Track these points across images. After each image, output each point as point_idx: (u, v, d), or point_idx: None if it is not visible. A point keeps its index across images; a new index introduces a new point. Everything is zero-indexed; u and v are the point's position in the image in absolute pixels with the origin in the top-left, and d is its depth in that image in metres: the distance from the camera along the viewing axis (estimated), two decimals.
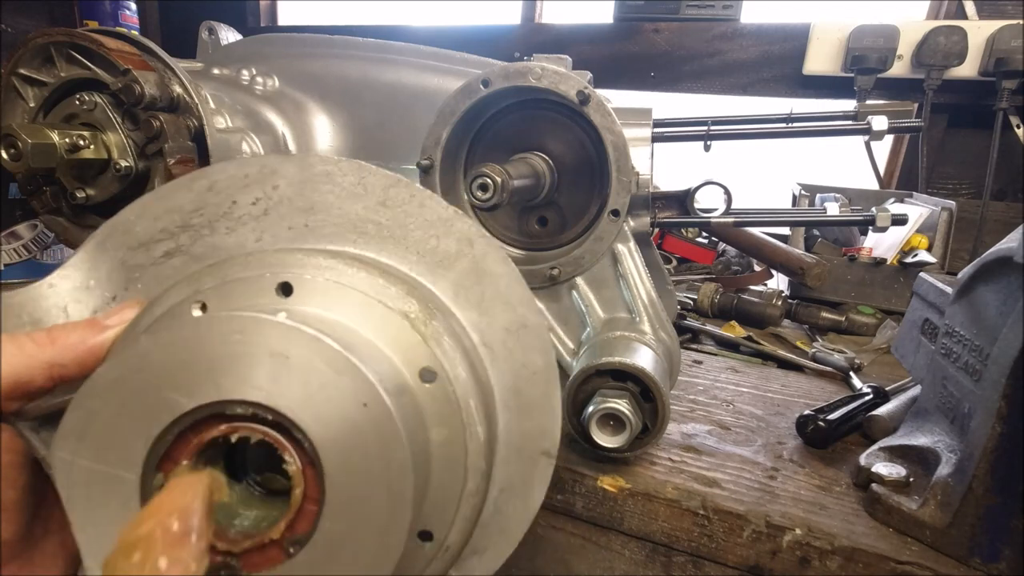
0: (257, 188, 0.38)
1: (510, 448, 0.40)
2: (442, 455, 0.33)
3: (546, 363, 0.40)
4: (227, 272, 0.33)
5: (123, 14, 1.60)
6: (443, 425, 0.33)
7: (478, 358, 0.39)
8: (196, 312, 0.31)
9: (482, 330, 0.39)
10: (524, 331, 0.39)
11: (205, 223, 0.38)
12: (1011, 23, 1.19)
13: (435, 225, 0.39)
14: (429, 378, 0.33)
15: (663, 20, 1.51)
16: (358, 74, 0.87)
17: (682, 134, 0.68)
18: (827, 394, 0.71)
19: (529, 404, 0.40)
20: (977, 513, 0.42)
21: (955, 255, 1.11)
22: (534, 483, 0.41)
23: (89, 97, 0.71)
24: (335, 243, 0.39)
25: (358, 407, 0.27)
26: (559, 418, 0.40)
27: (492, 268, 0.39)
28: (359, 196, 0.39)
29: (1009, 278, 0.43)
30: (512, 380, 0.40)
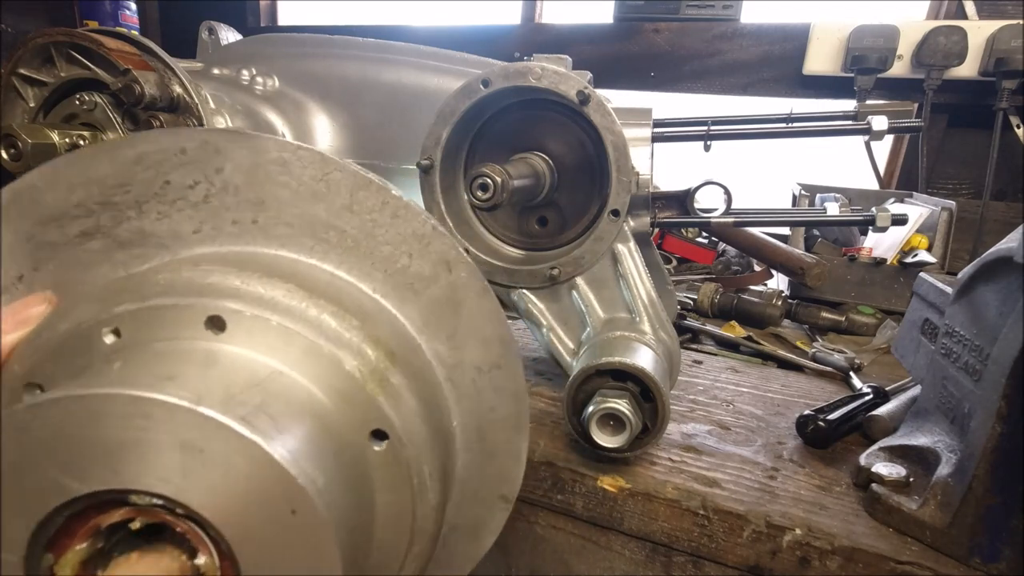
0: (196, 169, 0.32)
1: (467, 489, 0.37)
2: (388, 518, 0.29)
3: (517, 409, 0.36)
4: (150, 289, 0.28)
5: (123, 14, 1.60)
6: (391, 490, 0.29)
7: (441, 396, 0.35)
8: (109, 339, 0.26)
9: (450, 366, 0.35)
10: (497, 372, 0.36)
11: (131, 202, 0.31)
12: (1011, 23, 1.18)
13: (409, 241, 0.34)
14: (380, 439, 0.29)
15: (663, 20, 1.51)
16: (358, 74, 0.87)
17: (682, 134, 0.68)
18: (827, 394, 0.71)
19: (492, 449, 0.37)
20: (977, 513, 0.42)
21: (955, 255, 1.11)
22: (487, 526, 0.38)
23: (89, 97, 0.71)
24: (288, 248, 0.33)
25: (285, 513, 0.23)
26: (523, 464, 0.38)
27: (470, 299, 0.35)
28: (320, 195, 0.33)
29: (1009, 278, 0.43)
30: (477, 422, 0.36)
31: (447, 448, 0.34)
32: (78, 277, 0.32)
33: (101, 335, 0.26)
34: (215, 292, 0.28)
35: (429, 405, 0.32)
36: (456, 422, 0.36)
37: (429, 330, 0.35)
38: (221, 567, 0.24)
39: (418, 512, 0.30)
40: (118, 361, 0.25)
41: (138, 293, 0.28)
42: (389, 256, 0.34)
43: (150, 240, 0.32)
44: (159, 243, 0.32)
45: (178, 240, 0.32)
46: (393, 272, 0.34)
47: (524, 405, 0.37)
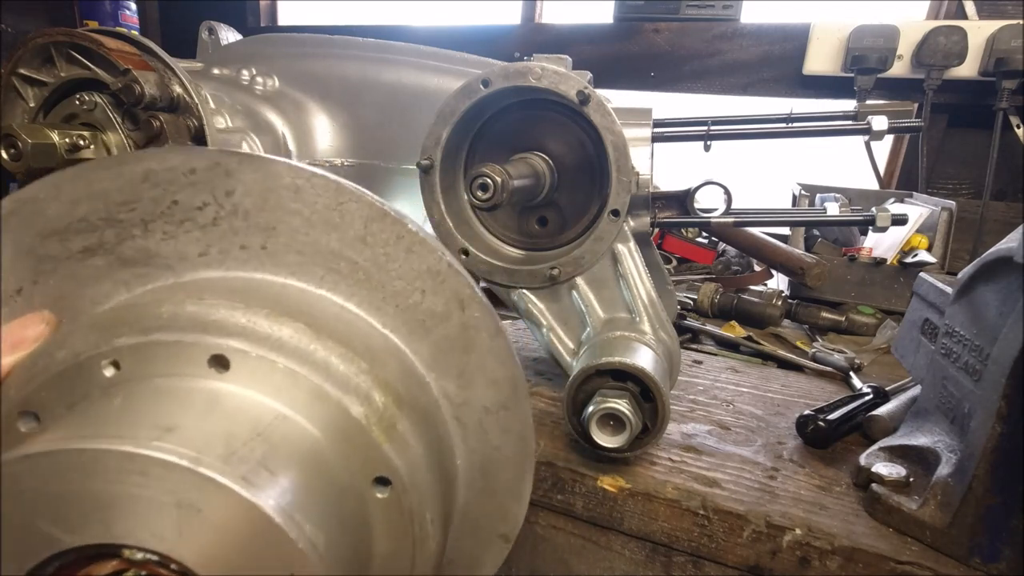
0: (206, 190, 0.31)
1: (466, 525, 0.37)
2: (385, 565, 0.29)
3: (523, 451, 0.36)
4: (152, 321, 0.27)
5: (123, 14, 1.60)
6: (391, 539, 0.29)
7: (447, 434, 0.35)
8: (108, 372, 0.26)
9: (457, 404, 0.35)
10: (505, 413, 0.35)
11: (137, 220, 0.31)
12: (1011, 23, 1.19)
13: (422, 277, 0.33)
14: (383, 486, 0.28)
15: (663, 20, 1.51)
16: (358, 74, 0.87)
17: (682, 134, 0.68)
18: (827, 394, 0.71)
19: (495, 488, 0.37)
20: (977, 513, 0.42)
21: (955, 255, 1.11)
22: (484, 563, 0.38)
23: (89, 97, 0.71)
24: (297, 277, 0.32)
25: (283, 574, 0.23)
26: (524, 505, 0.37)
27: (482, 339, 0.34)
28: (334, 224, 0.32)
29: (1009, 278, 0.43)
30: (481, 461, 0.36)
31: (449, 485, 0.34)
32: (78, 293, 0.31)
33: (100, 367, 0.26)
34: (220, 329, 0.27)
35: (434, 448, 0.32)
36: (460, 460, 0.36)
37: (438, 368, 0.34)
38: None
39: (417, 560, 0.30)
40: (118, 396, 0.25)
41: (140, 325, 0.27)
42: (401, 291, 0.33)
43: (155, 260, 0.31)
44: (164, 264, 0.31)
45: (183, 262, 0.31)
46: (405, 307, 0.33)
47: (530, 447, 0.36)
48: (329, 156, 0.88)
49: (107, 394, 0.25)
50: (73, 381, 0.26)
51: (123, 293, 0.31)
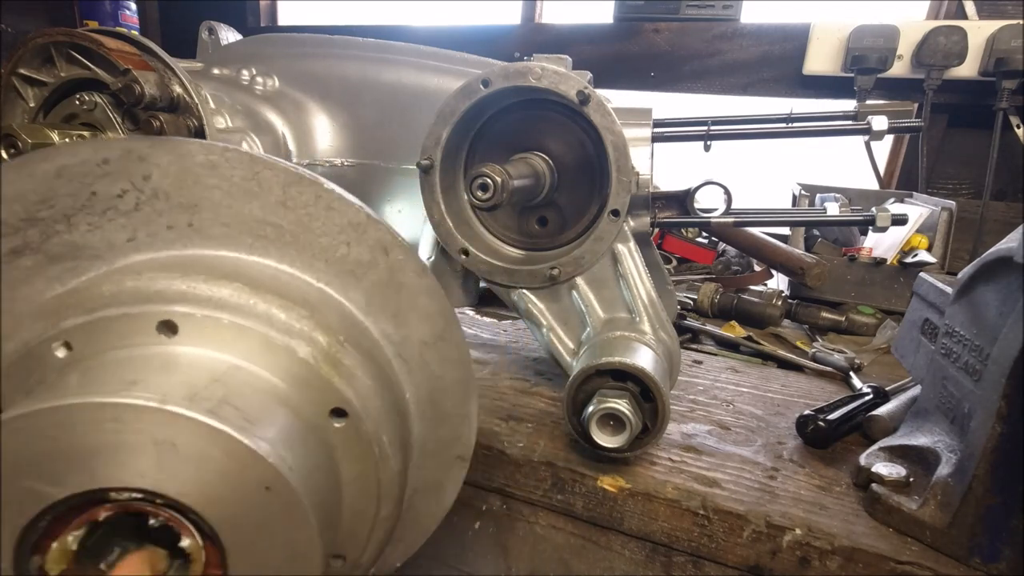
0: (122, 178, 0.32)
1: (425, 453, 0.39)
2: (355, 487, 0.32)
3: (463, 375, 0.39)
4: (95, 301, 0.28)
5: (123, 14, 1.60)
6: (355, 461, 0.31)
7: (392, 372, 0.37)
8: (60, 353, 0.27)
9: (397, 343, 0.37)
10: (442, 343, 0.38)
11: (59, 216, 0.31)
12: (1011, 23, 1.18)
13: (345, 230, 0.35)
14: (340, 417, 0.30)
15: (663, 20, 1.51)
16: (358, 74, 0.87)
17: (682, 134, 0.68)
18: (827, 394, 0.71)
19: (445, 414, 0.39)
20: (977, 513, 0.42)
21: (955, 255, 1.11)
22: (447, 484, 0.41)
23: (89, 97, 0.71)
24: (227, 247, 0.34)
25: (259, 490, 0.25)
26: (474, 425, 0.40)
27: (409, 279, 0.36)
28: (253, 194, 0.34)
29: (1009, 278, 0.43)
30: (428, 392, 0.39)
31: (403, 418, 0.36)
32: (11, 295, 0.31)
33: (52, 350, 0.27)
34: (163, 298, 0.29)
35: (382, 381, 0.34)
36: (409, 394, 0.38)
37: (374, 311, 0.36)
38: (204, 547, 0.25)
39: (382, 479, 0.32)
40: (74, 373, 0.26)
41: (84, 307, 0.28)
42: (328, 246, 0.35)
43: (83, 252, 0.32)
44: (93, 254, 0.32)
45: (112, 250, 0.32)
46: (333, 261, 0.35)
47: (469, 370, 0.39)
48: (329, 156, 0.88)
49: (63, 373, 0.26)
50: (27, 369, 0.27)
51: (57, 288, 0.32)
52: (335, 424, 0.30)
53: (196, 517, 0.25)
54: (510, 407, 0.62)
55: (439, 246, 0.66)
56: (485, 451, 0.56)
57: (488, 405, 0.63)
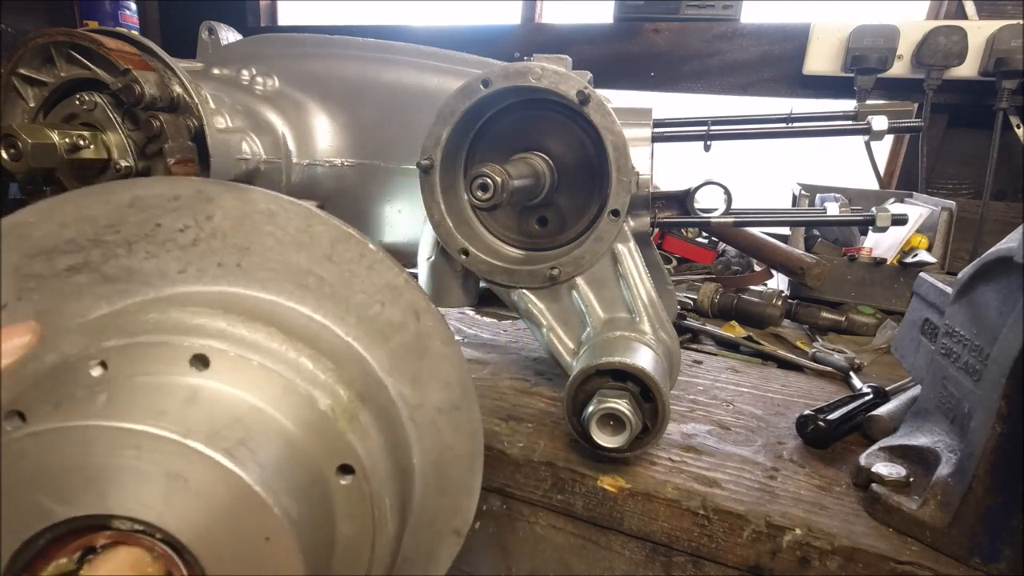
0: (188, 214, 0.34)
1: (421, 521, 0.39)
2: (348, 548, 0.31)
3: (473, 448, 0.39)
4: (138, 326, 0.30)
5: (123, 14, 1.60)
6: (353, 521, 0.31)
7: (403, 434, 0.37)
8: (96, 371, 0.28)
9: (413, 406, 0.38)
10: (456, 413, 0.38)
11: (122, 242, 0.33)
12: (1011, 23, 1.18)
13: (382, 291, 0.36)
14: (347, 473, 0.31)
15: (663, 20, 1.51)
16: (358, 74, 0.87)
17: (682, 134, 0.68)
18: (827, 394, 0.71)
19: (448, 485, 0.39)
20: (977, 513, 0.42)
21: (955, 255, 1.11)
22: (439, 557, 0.41)
23: (89, 97, 0.71)
24: (269, 291, 0.35)
25: (259, 540, 0.25)
26: (475, 500, 0.40)
27: (435, 346, 0.38)
28: (303, 244, 0.35)
29: (1009, 278, 0.43)
30: (435, 459, 0.39)
31: (406, 483, 0.36)
32: (60, 308, 0.33)
33: (88, 367, 0.28)
34: (201, 332, 0.30)
35: (392, 442, 0.34)
36: (416, 458, 0.38)
37: (396, 372, 0.37)
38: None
39: (377, 543, 0.32)
40: (104, 393, 0.26)
41: (127, 330, 0.29)
42: (363, 303, 0.36)
43: (135, 277, 0.34)
44: (144, 280, 0.34)
45: (163, 278, 0.34)
46: (366, 318, 0.37)
47: (479, 444, 0.39)
48: (329, 156, 0.88)
49: (92, 392, 0.27)
50: (60, 381, 0.28)
51: (104, 307, 0.33)
52: (341, 481, 0.31)
53: (190, 558, 0.25)
54: (510, 407, 0.62)
55: (439, 246, 0.66)
56: (485, 451, 0.56)
57: (488, 405, 0.63)
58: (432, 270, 0.69)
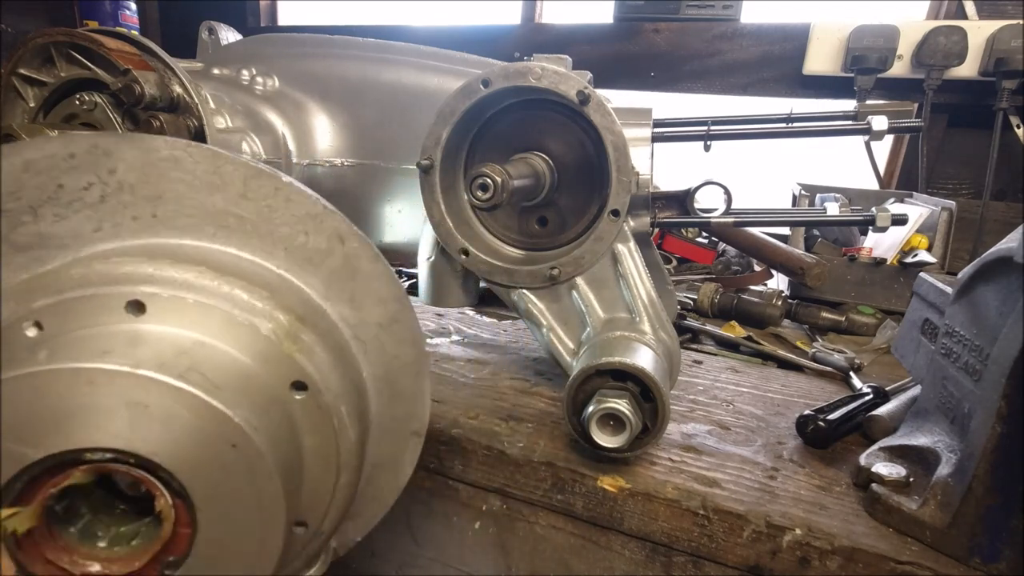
0: (88, 172, 0.34)
1: (382, 430, 0.42)
2: (315, 457, 0.34)
3: (416, 354, 0.41)
4: (64, 284, 0.30)
5: (123, 14, 1.60)
6: (315, 432, 0.33)
7: (350, 353, 0.39)
8: (31, 332, 0.28)
9: (354, 325, 0.40)
10: (396, 325, 0.40)
11: (25, 208, 0.33)
12: (1011, 23, 1.18)
13: (304, 221, 0.38)
14: (300, 390, 0.33)
15: (663, 20, 1.51)
16: (358, 74, 0.87)
17: (682, 134, 0.68)
18: (827, 394, 0.71)
19: (400, 392, 0.42)
20: (977, 513, 0.42)
21: (955, 255, 1.11)
22: (404, 459, 0.43)
23: (89, 97, 0.71)
24: (190, 236, 0.36)
25: (227, 448, 0.27)
26: (427, 403, 0.43)
27: (364, 265, 0.39)
28: (216, 186, 0.36)
29: (1009, 278, 0.43)
30: (384, 371, 0.41)
31: (360, 394, 0.38)
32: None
33: (23, 329, 0.28)
34: (130, 280, 0.30)
35: (339, 358, 0.36)
36: (366, 372, 0.40)
37: (332, 296, 0.39)
38: (175, 505, 0.27)
39: (341, 448, 0.34)
40: (44, 350, 0.27)
41: (53, 288, 0.30)
42: (288, 235, 0.38)
43: (50, 242, 0.33)
44: (59, 244, 0.34)
45: (79, 239, 0.34)
46: (293, 248, 0.38)
47: (422, 351, 0.41)
48: (329, 156, 0.88)
49: (33, 351, 0.27)
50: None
51: (23, 276, 0.33)
52: (296, 396, 0.32)
53: (167, 475, 0.26)
54: (510, 407, 0.62)
55: (439, 246, 0.66)
56: (485, 451, 0.56)
57: (488, 405, 0.63)
58: (432, 270, 0.69)
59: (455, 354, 0.76)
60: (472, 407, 0.62)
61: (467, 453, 0.57)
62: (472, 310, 0.95)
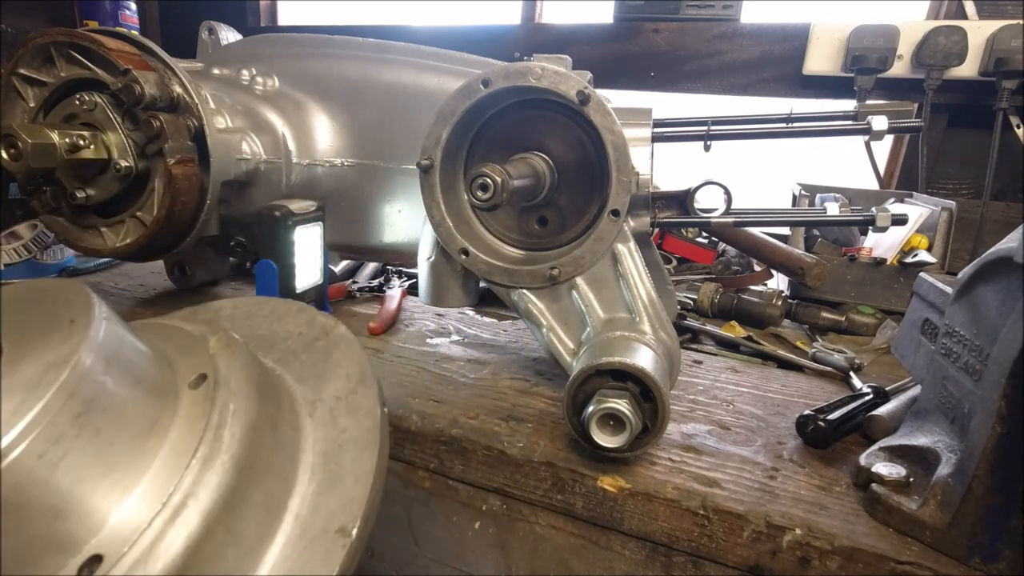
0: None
1: (302, 514, 0.34)
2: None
3: (369, 426, 0.35)
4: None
5: (123, 14, 1.60)
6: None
7: (296, 418, 0.38)
8: None
9: (311, 400, 0.39)
10: (353, 397, 0.38)
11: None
12: (1011, 23, 1.18)
13: (300, 325, 0.44)
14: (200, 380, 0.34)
15: (663, 20, 1.51)
16: (358, 74, 0.87)
17: (682, 134, 0.68)
18: (827, 394, 0.71)
19: (337, 472, 0.34)
20: (977, 513, 0.42)
21: (955, 255, 1.11)
22: (321, 564, 0.32)
23: (89, 97, 0.71)
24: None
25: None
26: (368, 486, 0.34)
27: (339, 348, 0.42)
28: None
29: (1009, 278, 0.43)
30: (324, 447, 0.35)
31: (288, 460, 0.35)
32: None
33: None
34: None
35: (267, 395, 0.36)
36: (308, 449, 0.36)
37: (304, 376, 0.41)
38: None
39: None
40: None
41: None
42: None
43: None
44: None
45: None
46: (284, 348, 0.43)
47: (375, 422, 0.36)
48: (329, 156, 0.88)
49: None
50: None
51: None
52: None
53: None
54: (510, 407, 0.62)
55: (439, 246, 0.66)
56: (485, 451, 0.56)
57: (488, 405, 0.63)
58: (432, 270, 0.69)
59: (455, 354, 0.76)
60: (472, 407, 0.62)
61: (467, 453, 0.57)
62: (472, 310, 0.95)
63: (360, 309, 0.93)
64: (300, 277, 0.76)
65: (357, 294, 1.00)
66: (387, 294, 0.94)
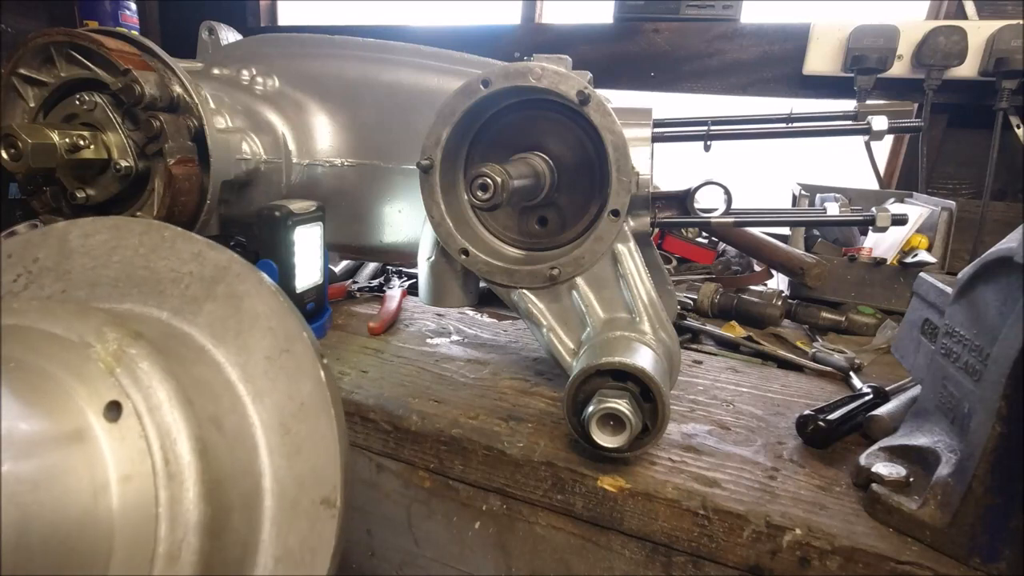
0: (19, 265, 0.40)
1: (283, 501, 0.32)
2: (124, 490, 0.27)
3: (313, 388, 0.33)
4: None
5: (123, 14, 1.60)
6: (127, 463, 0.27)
7: (237, 400, 0.33)
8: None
9: (242, 364, 0.34)
10: (286, 356, 0.33)
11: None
12: (1011, 23, 1.18)
13: (189, 262, 0.38)
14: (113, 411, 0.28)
15: (663, 20, 1.51)
16: (358, 74, 0.87)
17: (682, 134, 0.68)
18: (827, 394, 0.71)
19: (298, 442, 0.32)
20: (977, 513, 0.42)
21: (955, 255, 1.11)
22: (317, 545, 0.31)
23: (89, 97, 0.71)
24: (96, 302, 0.38)
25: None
26: (336, 454, 0.32)
27: (249, 292, 0.36)
28: (113, 250, 0.40)
29: (1009, 278, 0.43)
30: (278, 417, 0.33)
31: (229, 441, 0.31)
32: None
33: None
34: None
35: (190, 387, 0.31)
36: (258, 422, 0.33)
37: (218, 335, 0.36)
38: None
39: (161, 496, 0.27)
40: None
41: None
42: (173, 279, 0.38)
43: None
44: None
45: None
46: (178, 294, 0.38)
47: (319, 383, 0.33)
48: (329, 156, 0.88)
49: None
50: None
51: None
52: (107, 421, 0.28)
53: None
54: (510, 407, 0.62)
55: (439, 246, 0.66)
56: (485, 451, 0.56)
57: (488, 405, 0.63)
58: (432, 270, 0.69)
59: (455, 354, 0.76)
60: (472, 407, 0.62)
61: (467, 453, 0.57)
62: (472, 310, 0.95)
63: (360, 309, 0.93)
64: (300, 277, 0.76)
65: (357, 294, 1.00)
66: (387, 294, 0.94)
